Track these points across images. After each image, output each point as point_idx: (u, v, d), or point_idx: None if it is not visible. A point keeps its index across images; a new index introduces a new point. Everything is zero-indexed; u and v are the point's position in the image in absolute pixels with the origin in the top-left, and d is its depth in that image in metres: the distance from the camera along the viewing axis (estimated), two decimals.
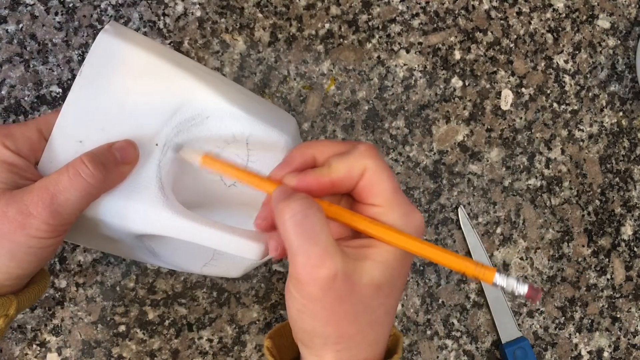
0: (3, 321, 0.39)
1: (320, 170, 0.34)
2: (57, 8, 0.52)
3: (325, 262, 0.31)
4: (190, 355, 0.52)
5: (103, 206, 0.39)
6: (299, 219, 0.31)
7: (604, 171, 0.57)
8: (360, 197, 0.35)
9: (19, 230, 0.36)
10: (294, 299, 0.33)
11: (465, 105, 0.56)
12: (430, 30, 0.56)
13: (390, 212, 0.34)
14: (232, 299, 0.53)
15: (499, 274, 0.33)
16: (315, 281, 0.31)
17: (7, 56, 0.51)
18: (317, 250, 0.31)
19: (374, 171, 0.34)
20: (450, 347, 0.55)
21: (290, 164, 0.35)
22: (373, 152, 0.34)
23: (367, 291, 0.33)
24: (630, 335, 0.57)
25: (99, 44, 0.39)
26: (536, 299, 0.33)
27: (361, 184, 0.34)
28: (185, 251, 0.43)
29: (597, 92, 0.57)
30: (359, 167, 0.34)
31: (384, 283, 0.33)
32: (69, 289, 0.51)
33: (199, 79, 0.40)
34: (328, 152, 0.35)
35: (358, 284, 0.32)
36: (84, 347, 0.51)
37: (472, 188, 0.55)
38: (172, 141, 0.40)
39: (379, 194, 0.34)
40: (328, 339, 0.34)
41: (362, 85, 0.55)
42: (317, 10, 0.55)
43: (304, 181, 0.34)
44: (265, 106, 0.45)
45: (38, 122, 0.40)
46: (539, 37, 0.57)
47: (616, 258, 0.57)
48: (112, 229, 0.40)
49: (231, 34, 0.54)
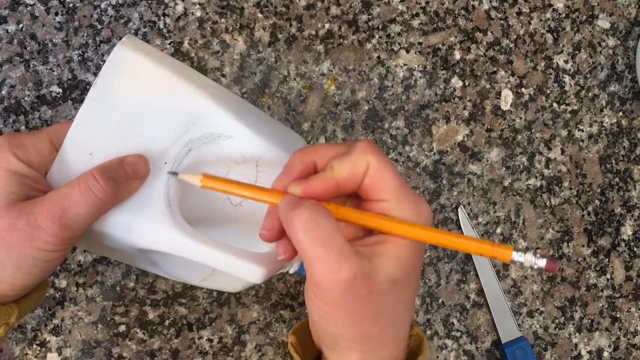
0: (3, 330, 0.39)
1: (324, 174, 0.34)
2: (57, 8, 0.52)
3: (343, 265, 0.31)
4: (190, 355, 0.52)
5: (109, 220, 0.39)
6: (310, 226, 0.31)
7: (604, 171, 0.57)
8: (367, 194, 0.35)
9: (27, 242, 0.36)
10: (315, 305, 0.33)
11: (465, 105, 0.56)
12: (430, 30, 0.56)
13: (400, 206, 0.34)
14: (232, 299, 0.53)
15: (516, 252, 0.34)
16: (335, 286, 0.31)
17: (7, 56, 0.51)
18: (333, 255, 0.31)
19: (378, 167, 0.34)
20: (450, 347, 0.55)
21: (291, 172, 0.35)
22: (373, 148, 0.34)
23: (385, 288, 0.33)
24: (630, 335, 0.57)
25: (115, 56, 0.39)
26: (556, 270, 0.33)
27: (366, 181, 0.34)
28: (185, 265, 0.43)
29: (597, 92, 0.57)
30: (362, 164, 0.34)
31: (400, 277, 0.33)
32: (69, 289, 0.51)
33: (213, 98, 0.40)
34: (328, 155, 0.35)
35: (376, 282, 0.32)
36: (84, 347, 0.51)
37: (472, 188, 0.55)
38: (182, 159, 0.40)
39: (385, 189, 0.34)
40: (353, 341, 0.34)
41: (362, 85, 0.55)
42: (317, 10, 0.55)
43: (309, 188, 0.34)
44: (277, 127, 0.45)
45: (49, 132, 0.40)
46: (539, 37, 0.57)
47: (616, 258, 0.57)
48: (116, 241, 0.40)
49: (231, 34, 0.54)
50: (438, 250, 0.55)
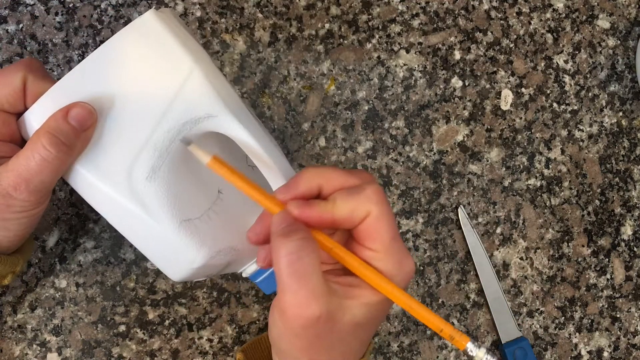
0: (11, 277, 0.44)
1: (324, 206, 0.35)
2: (57, 8, 0.52)
3: (311, 304, 0.32)
4: (190, 355, 0.52)
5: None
6: (292, 259, 0.32)
7: (604, 171, 0.57)
8: (359, 238, 0.36)
9: (6, 209, 0.39)
10: (276, 324, 0.34)
11: (465, 105, 0.56)
12: (430, 30, 0.56)
13: (385, 259, 0.35)
14: (232, 299, 0.53)
15: (471, 343, 0.35)
16: (299, 319, 0.32)
17: (7, 56, 0.51)
18: (305, 292, 0.32)
19: (377, 218, 0.34)
20: (450, 347, 0.55)
21: (296, 188, 0.35)
22: (380, 198, 0.35)
23: (347, 329, 0.34)
24: (630, 335, 0.57)
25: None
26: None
27: (361, 227, 0.35)
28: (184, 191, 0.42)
29: (597, 92, 0.57)
30: (363, 211, 0.34)
31: (364, 322, 0.35)
32: (69, 289, 0.51)
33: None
34: (335, 183, 0.36)
35: (339, 323, 0.34)
36: (84, 347, 0.51)
37: (472, 188, 0.55)
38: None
39: (377, 241, 0.35)
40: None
41: (362, 85, 0.55)
42: (317, 10, 0.55)
43: (306, 214, 0.34)
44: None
45: (24, 69, 0.40)
46: (539, 37, 0.57)
47: (616, 258, 0.57)
48: None
49: (231, 34, 0.54)
50: (438, 250, 0.55)
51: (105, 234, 0.52)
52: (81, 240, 0.52)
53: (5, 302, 0.51)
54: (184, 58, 0.39)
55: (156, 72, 0.39)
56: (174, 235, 0.40)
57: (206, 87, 0.39)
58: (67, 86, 0.38)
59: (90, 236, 0.52)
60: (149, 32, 0.38)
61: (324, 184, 0.36)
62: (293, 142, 0.54)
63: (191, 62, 0.39)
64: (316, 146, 0.54)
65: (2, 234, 0.40)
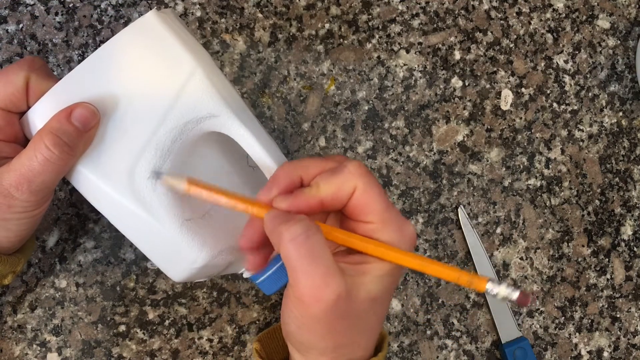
0: (12, 277, 0.44)
1: (309, 192, 0.34)
2: (57, 8, 0.52)
3: (330, 283, 0.32)
4: (190, 355, 0.52)
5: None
6: (301, 240, 0.32)
7: (604, 171, 0.57)
8: (352, 214, 0.35)
9: (7, 210, 0.38)
10: (294, 316, 0.34)
11: (465, 105, 0.56)
12: (430, 30, 0.56)
13: (384, 229, 0.35)
14: (232, 299, 0.53)
15: (491, 282, 0.34)
16: (319, 302, 0.32)
17: (7, 56, 0.51)
18: (321, 271, 0.32)
19: (364, 190, 0.34)
20: (450, 347, 0.55)
21: (276, 185, 0.35)
22: (362, 171, 0.35)
23: (364, 306, 0.34)
24: (630, 335, 0.57)
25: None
26: (526, 304, 0.34)
27: (352, 202, 0.35)
28: None
29: (597, 92, 0.57)
30: (348, 187, 0.34)
31: (379, 295, 0.35)
32: (69, 289, 0.51)
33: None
34: (314, 170, 0.35)
35: (356, 300, 0.33)
36: (84, 347, 0.51)
37: (472, 188, 0.55)
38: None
39: (370, 212, 0.35)
40: (325, 350, 0.35)
41: (362, 85, 0.55)
42: (317, 10, 0.55)
43: (295, 203, 0.34)
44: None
45: (27, 69, 0.39)
46: (539, 37, 0.57)
47: (616, 258, 0.57)
48: None
49: (231, 34, 0.54)
50: (438, 250, 0.55)
51: (105, 234, 0.52)
52: (81, 240, 0.52)
53: (5, 302, 0.51)
54: (185, 58, 0.39)
55: (158, 72, 0.39)
56: (175, 235, 0.40)
57: (208, 87, 0.39)
58: (70, 85, 0.38)
59: (90, 236, 0.52)
60: (151, 32, 0.38)
61: (304, 174, 0.35)
62: (293, 142, 0.54)
63: (193, 62, 0.39)
64: (316, 146, 0.54)
65: (3, 234, 0.40)
